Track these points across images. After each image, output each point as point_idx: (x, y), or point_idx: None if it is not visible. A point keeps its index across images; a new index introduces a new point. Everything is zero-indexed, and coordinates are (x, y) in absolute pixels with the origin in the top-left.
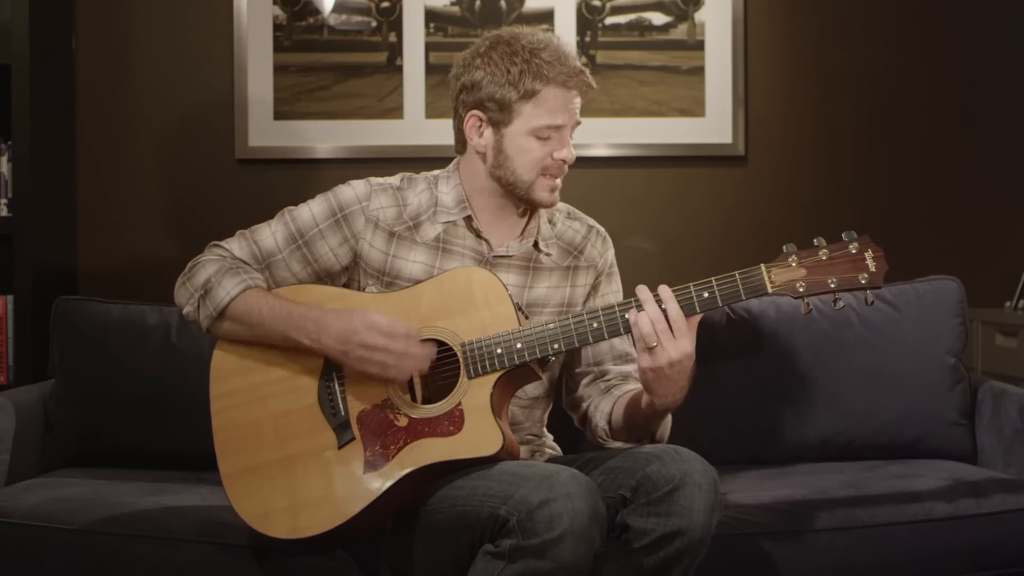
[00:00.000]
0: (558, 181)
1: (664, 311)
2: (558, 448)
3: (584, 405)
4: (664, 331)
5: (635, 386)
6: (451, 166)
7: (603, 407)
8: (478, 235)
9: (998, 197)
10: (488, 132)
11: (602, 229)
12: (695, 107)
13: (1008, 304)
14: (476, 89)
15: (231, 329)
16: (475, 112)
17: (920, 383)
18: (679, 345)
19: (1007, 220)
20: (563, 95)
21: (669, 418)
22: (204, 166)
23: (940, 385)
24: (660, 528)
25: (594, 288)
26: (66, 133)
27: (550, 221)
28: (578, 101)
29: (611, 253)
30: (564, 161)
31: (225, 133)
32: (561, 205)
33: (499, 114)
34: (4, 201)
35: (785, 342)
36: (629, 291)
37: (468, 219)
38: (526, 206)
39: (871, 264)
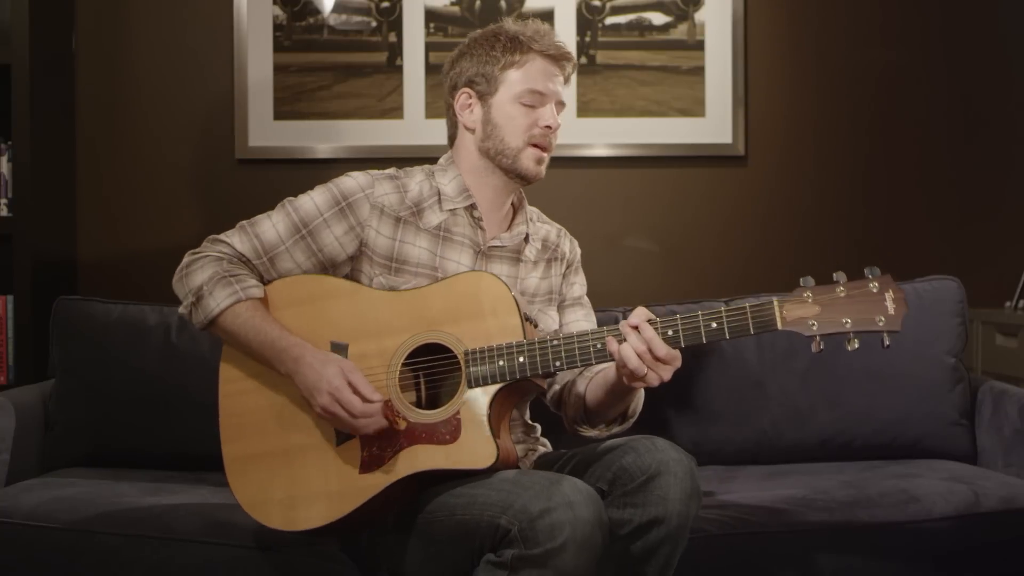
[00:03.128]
0: (545, 154)
1: (650, 348)
2: (548, 444)
3: (557, 387)
4: (652, 362)
5: (600, 366)
6: (444, 160)
7: (578, 388)
8: (478, 224)
9: (998, 197)
10: (477, 108)
11: (568, 232)
12: (695, 107)
13: (1008, 304)
14: (463, 72)
15: (223, 337)
16: (465, 90)
17: (920, 383)
18: (671, 368)
19: (1007, 220)
20: (544, 65)
21: (642, 392)
22: (204, 166)
23: (940, 385)
24: (637, 518)
25: (564, 277)
26: (66, 133)
27: (530, 219)
28: (560, 80)
29: (578, 251)
30: (549, 127)
31: (225, 133)
32: (534, 209)
33: (486, 86)
34: (4, 201)
35: (785, 342)
36: (628, 292)
37: (469, 208)
38: (515, 184)
39: (890, 306)
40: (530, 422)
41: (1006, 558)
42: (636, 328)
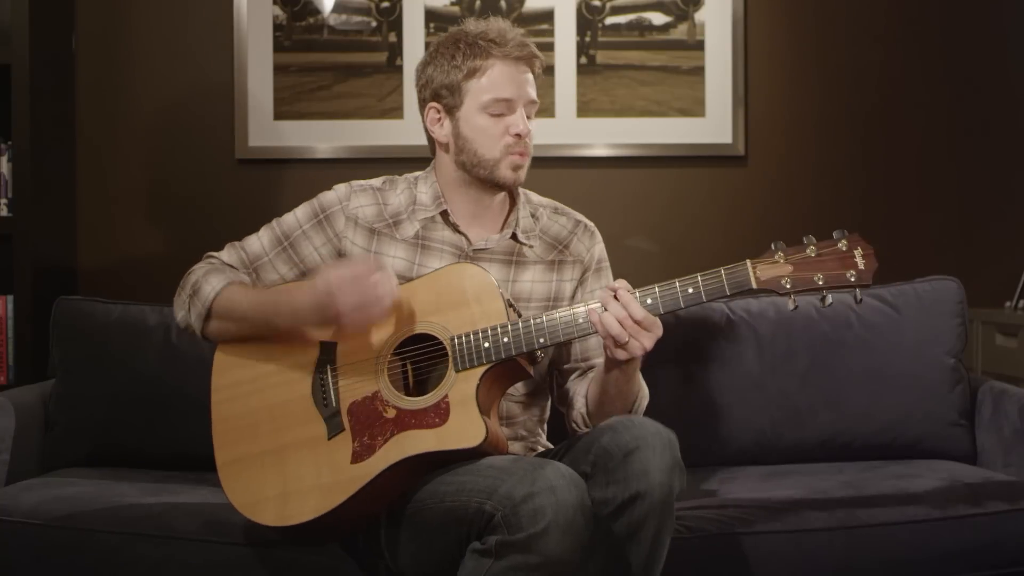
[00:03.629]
0: (522, 160)
1: (629, 313)
2: (551, 447)
3: (570, 398)
4: (632, 327)
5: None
6: (429, 167)
7: (580, 390)
8: (456, 230)
9: (998, 197)
10: (447, 122)
11: (590, 224)
12: (695, 107)
13: (1008, 304)
14: (429, 84)
15: (221, 328)
16: (432, 104)
17: (920, 384)
18: (652, 335)
19: (1007, 220)
20: (507, 70)
21: (645, 390)
22: (204, 166)
23: (940, 385)
24: (620, 494)
25: (581, 283)
26: (66, 133)
27: (533, 215)
28: (528, 78)
29: (599, 248)
30: (520, 135)
31: (225, 133)
32: (546, 201)
33: (451, 99)
34: (4, 201)
35: (785, 343)
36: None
37: (445, 214)
38: (495, 191)
39: (860, 262)
40: (541, 428)
41: (1006, 558)
42: (615, 296)
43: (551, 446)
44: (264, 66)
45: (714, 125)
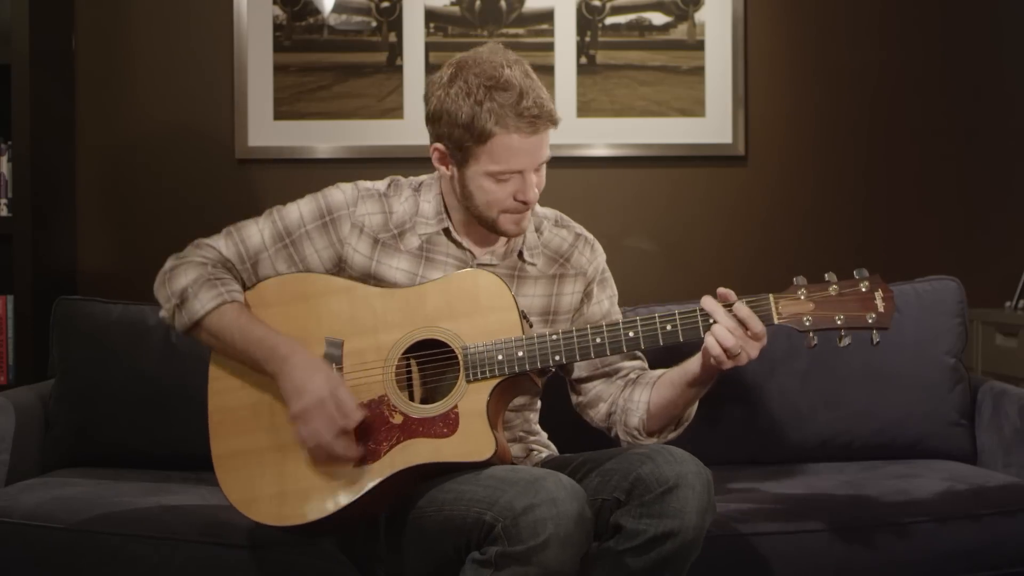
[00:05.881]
0: (524, 218)
1: (748, 328)
2: (553, 447)
3: (605, 404)
4: (742, 336)
5: (659, 371)
6: (435, 173)
7: (638, 396)
8: (459, 245)
9: (998, 197)
10: (452, 167)
11: (591, 236)
12: (695, 107)
13: (1008, 304)
14: (437, 122)
15: (206, 340)
16: (437, 145)
17: (920, 383)
18: (761, 344)
19: (1007, 220)
20: (520, 141)
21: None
22: (204, 166)
23: (940, 385)
24: (652, 529)
25: (586, 295)
26: (66, 133)
27: (537, 229)
28: (540, 141)
29: (601, 259)
30: (526, 203)
31: (225, 133)
32: (549, 212)
33: (459, 155)
34: (4, 201)
35: (785, 342)
36: (628, 292)
37: (445, 231)
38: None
39: (880, 305)
40: (533, 426)
41: (1006, 559)
42: (732, 312)
43: (551, 445)
44: (264, 66)
45: (714, 125)
